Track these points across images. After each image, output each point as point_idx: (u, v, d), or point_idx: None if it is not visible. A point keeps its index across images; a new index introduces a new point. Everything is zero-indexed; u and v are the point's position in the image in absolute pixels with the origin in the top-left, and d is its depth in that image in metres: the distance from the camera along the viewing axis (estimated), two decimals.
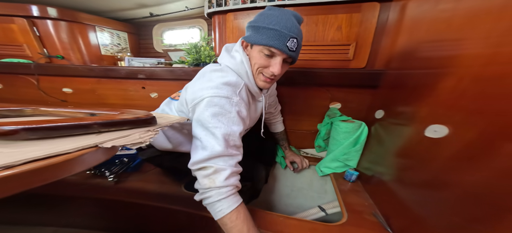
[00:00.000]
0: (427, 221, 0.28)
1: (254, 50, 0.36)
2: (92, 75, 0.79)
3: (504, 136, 0.21)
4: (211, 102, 0.32)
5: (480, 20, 0.26)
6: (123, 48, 1.14)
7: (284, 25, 0.33)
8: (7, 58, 0.79)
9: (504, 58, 0.22)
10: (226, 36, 0.73)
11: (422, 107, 0.34)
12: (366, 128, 0.54)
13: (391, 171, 0.39)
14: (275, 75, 0.36)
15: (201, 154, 0.31)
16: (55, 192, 0.47)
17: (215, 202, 0.31)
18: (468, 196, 0.24)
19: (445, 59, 0.32)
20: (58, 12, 0.78)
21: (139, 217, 0.48)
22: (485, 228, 0.21)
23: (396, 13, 0.49)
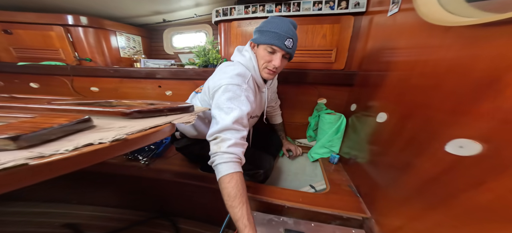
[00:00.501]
0: (382, 188, 0.39)
1: (260, 48, 0.47)
2: (117, 75, 0.93)
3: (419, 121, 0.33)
4: (226, 89, 0.42)
5: (405, 33, 0.39)
6: (137, 50, 1.27)
7: (283, 29, 0.43)
8: (46, 61, 0.94)
9: (421, 67, 0.34)
10: (230, 41, 0.86)
11: (376, 100, 0.47)
12: (344, 119, 0.67)
13: (361, 153, 0.51)
14: (276, 67, 0.46)
15: (214, 127, 0.40)
16: (103, 170, 0.61)
17: (217, 165, 0.38)
18: (403, 167, 0.34)
19: (388, 63, 0.44)
20: (88, 20, 0.91)
21: (164, 190, 0.61)
22: (416, 190, 0.30)
23: (365, 25, 0.62)
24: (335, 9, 0.66)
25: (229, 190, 0.35)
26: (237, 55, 0.51)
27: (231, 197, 0.35)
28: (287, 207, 0.45)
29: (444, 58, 0.28)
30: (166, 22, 1.13)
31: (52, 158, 0.15)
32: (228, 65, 0.49)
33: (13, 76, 0.95)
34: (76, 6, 0.89)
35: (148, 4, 0.93)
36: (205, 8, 0.97)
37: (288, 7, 0.71)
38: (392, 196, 0.35)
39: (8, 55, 0.96)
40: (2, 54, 0.96)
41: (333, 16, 0.67)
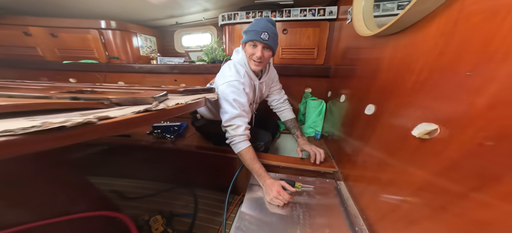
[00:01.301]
0: (343, 151, 0.56)
1: (246, 46, 0.59)
2: (141, 71, 1.13)
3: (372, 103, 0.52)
4: (229, 84, 0.56)
5: (353, 38, 0.58)
6: (153, 49, 1.47)
7: (259, 26, 0.55)
8: (83, 60, 1.14)
9: (362, 62, 0.53)
10: (234, 41, 1.04)
11: (342, 88, 0.66)
12: (324, 104, 0.86)
13: (335, 130, 0.69)
14: (259, 57, 0.56)
15: (226, 116, 0.55)
16: (141, 144, 0.81)
17: (237, 143, 0.55)
18: (350, 135, 0.54)
19: (348, 59, 0.63)
20: (116, 24, 1.11)
21: (184, 160, 0.81)
22: (354, 151, 0.48)
23: (337, 29, 0.81)
24: (316, 16, 0.84)
25: (250, 156, 0.54)
26: (234, 55, 0.65)
27: (251, 160, 0.54)
28: (281, 167, 0.62)
29: (370, 56, 0.47)
30: (178, 24, 1.32)
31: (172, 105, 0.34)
32: (228, 66, 0.62)
33: (56, 73, 1.16)
34: (108, 12, 1.09)
35: (165, 10, 1.11)
36: (212, 13, 1.15)
37: (281, 13, 0.89)
38: (347, 157, 0.53)
39: (52, 55, 1.17)
40: (48, 54, 1.17)
41: (314, 22, 0.86)
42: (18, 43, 1.12)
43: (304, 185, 0.54)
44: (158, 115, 0.30)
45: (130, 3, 0.98)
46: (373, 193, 0.37)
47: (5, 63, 1.16)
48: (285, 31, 0.92)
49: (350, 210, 0.43)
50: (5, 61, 1.16)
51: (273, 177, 0.54)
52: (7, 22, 1.07)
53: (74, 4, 0.99)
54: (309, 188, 0.54)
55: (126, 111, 0.25)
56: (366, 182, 0.41)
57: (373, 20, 0.46)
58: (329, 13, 0.82)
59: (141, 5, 1.00)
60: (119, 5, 0.99)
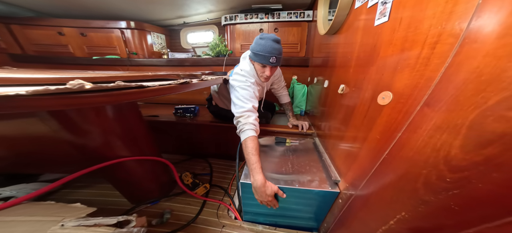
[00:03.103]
0: (318, 120, 0.79)
1: (256, 64, 0.68)
2: (159, 64, 1.35)
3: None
4: (242, 87, 0.65)
5: (320, 35, 0.86)
6: (163, 46, 1.68)
7: (267, 51, 0.62)
8: (109, 55, 1.35)
9: (332, 54, 0.81)
10: (235, 38, 1.29)
11: (316, 74, 0.93)
12: (306, 87, 1.14)
13: (313, 107, 0.95)
14: (268, 76, 0.68)
15: (239, 109, 0.61)
16: (166, 121, 1.05)
17: (245, 130, 0.58)
18: (323, 106, 0.82)
19: (321, 51, 0.92)
20: (135, 24, 1.32)
21: (200, 134, 1.05)
22: (323, 116, 0.78)
23: (312, 28, 1.07)
24: (298, 17, 1.12)
25: (253, 145, 0.55)
26: (244, 64, 0.71)
27: (252, 150, 0.55)
28: (276, 131, 0.89)
29: (327, 49, 0.73)
30: (185, 24, 1.54)
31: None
32: (241, 73, 0.69)
33: (86, 67, 1.35)
34: (127, 14, 1.29)
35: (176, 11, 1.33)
36: (215, 14, 1.39)
37: (273, 15, 1.16)
38: (319, 122, 0.79)
39: (81, 51, 1.35)
40: (78, 51, 1.35)
41: (297, 22, 1.13)
42: (53, 42, 1.29)
43: (292, 141, 0.81)
44: (189, 86, 0.53)
45: (145, 5, 1.17)
46: (333, 144, 0.60)
47: (42, 60, 1.33)
48: (276, 29, 1.19)
49: (320, 150, 0.71)
50: (42, 58, 1.33)
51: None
52: (44, 24, 1.24)
53: (100, 6, 1.18)
54: (296, 143, 0.81)
55: (155, 83, 0.36)
56: (329, 137, 0.66)
57: (327, 23, 0.74)
58: (307, 15, 1.10)
59: (155, 6, 1.20)
60: (138, 7, 1.19)
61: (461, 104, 0.19)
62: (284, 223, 0.64)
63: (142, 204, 0.72)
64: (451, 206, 0.22)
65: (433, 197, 0.23)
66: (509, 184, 0.18)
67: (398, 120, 0.29)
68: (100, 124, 0.50)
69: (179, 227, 0.63)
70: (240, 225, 0.65)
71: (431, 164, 0.23)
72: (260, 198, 0.53)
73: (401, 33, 0.30)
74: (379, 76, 0.36)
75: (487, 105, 0.17)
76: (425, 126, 0.24)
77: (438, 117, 0.22)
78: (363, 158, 0.39)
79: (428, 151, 0.23)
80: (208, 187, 0.83)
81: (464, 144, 0.19)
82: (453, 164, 0.20)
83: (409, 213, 0.27)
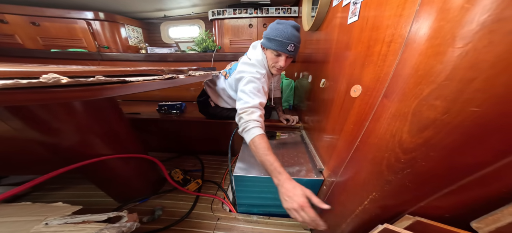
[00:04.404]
0: (304, 113, 0.88)
1: (268, 52, 0.59)
2: (136, 59, 1.26)
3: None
4: (251, 80, 0.56)
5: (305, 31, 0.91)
6: (140, 40, 1.56)
7: (285, 36, 0.53)
8: (72, 49, 1.20)
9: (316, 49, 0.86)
10: (224, 34, 1.28)
11: (306, 69, 0.99)
12: (293, 82, 1.19)
13: (301, 103, 1.00)
14: (282, 66, 0.60)
15: (244, 105, 0.53)
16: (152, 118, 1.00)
17: (251, 128, 0.49)
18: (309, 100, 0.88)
19: (306, 47, 0.97)
20: (105, 15, 1.20)
21: (188, 130, 1.03)
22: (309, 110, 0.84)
23: (299, 24, 1.13)
24: (285, 13, 1.15)
25: (263, 145, 0.47)
26: (254, 53, 0.64)
27: (265, 150, 0.46)
28: (266, 125, 0.89)
29: (314, 46, 0.79)
30: (166, 17, 1.46)
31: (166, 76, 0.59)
32: (250, 62, 0.62)
33: (42, 61, 1.18)
34: (94, 3, 1.16)
35: (154, 3, 1.25)
36: (200, 8, 1.35)
37: (261, 11, 1.17)
38: (306, 115, 0.85)
39: (34, 43, 1.18)
40: (28, 42, 1.17)
41: (285, 17, 1.16)
42: None
43: (282, 134, 0.86)
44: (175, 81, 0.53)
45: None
46: (317, 135, 0.66)
47: None
48: (264, 24, 1.21)
49: (306, 142, 0.76)
50: None
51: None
52: None
53: None
54: (285, 136, 0.85)
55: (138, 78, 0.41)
56: (314, 129, 0.72)
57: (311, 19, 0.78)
58: (293, 11, 1.14)
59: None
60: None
61: (407, 95, 0.23)
62: (277, 212, 0.68)
63: (130, 202, 0.71)
64: (406, 183, 0.27)
65: (394, 177, 0.28)
66: (441, 161, 0.23)
67: (365, 110, 0.33)
68: (74, 122, 0.47)
69: (172, 222, 0.63)
70: (235, 217, 0.68)
71: (390, 148, 0.27)
72: (290, 203, 0.38)
73: (367, 32, 0.34)
74: (351, 71, 0.40)
75: (423, 96, 0.21)
76: (385, 115, 0.28)
77: (393, 106, 0.26)
78: (341, 147, 0.44)
79: (387, 136, 0.27)
80: (200, 182, 0.84)
81: (410, 129, 0.24)
82: (404, 147, 0.25)
83: (378, 193, 0.32)
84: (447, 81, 0.19)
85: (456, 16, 0.17)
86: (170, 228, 0.61)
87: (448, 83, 0.19)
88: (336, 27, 0.50)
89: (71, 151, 0.50)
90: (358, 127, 0.35)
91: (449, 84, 0.19)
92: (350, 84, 0.40)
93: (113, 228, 0.35)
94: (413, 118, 0.23)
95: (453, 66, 0.18)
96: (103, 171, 0.59)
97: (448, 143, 0.21)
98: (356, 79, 0.37)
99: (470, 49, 0.17)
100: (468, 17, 0.16)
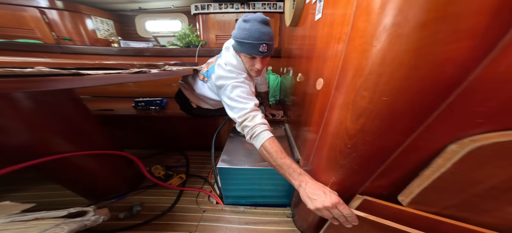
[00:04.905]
0: (290, 114, 0.91)
1: (242, 55, 0.56)
2: (109, 53, 1.15)
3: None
4: (235, 86, 0.52)
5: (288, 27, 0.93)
6: (111, 32, 1.42)
7: (254, 37, 0.49)
8: (21, 39, 1.03)
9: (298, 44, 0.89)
10: (208, 29, 1.23)
11: (289, 64, 1.02)
12: (279, 78, 1.22)
13: (285, 98, 1.03)
14: (259, 69, 0.56)
15: (240, 112, 0.49)
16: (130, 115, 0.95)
17: (259, 134, 0.46)
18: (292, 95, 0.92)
19: (290, 43, 0.99)
20: (63, 4, 1.06)
21: (169, 126, 1.01)
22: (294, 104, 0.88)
23: (283, 20, 1.14)
24: (272, 9, 1.16)
25: (276, 149, 0.44)
26: (228, 57, 0.59)
27: (278, 153, 0.44)
28: None
29: (294, 41, 0.81)
30: (142, 9, 1.34)
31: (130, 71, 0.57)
32: (227, 69, 0.57)
33: None
34: None
35: None
36: (181, 2, 1.27)
37: (248, 6, 1.16)
38: (288, 109, 0.89)
39: None
40: None
41: (271, 13, 1.17)
42: None
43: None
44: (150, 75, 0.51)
45: None
46: (295, 127, 0.71)
47: None
48: None
49: (288, 135, 0.80)
50: None
51: None
52: None
53: None
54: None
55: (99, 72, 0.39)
56: (293, 121, 0.76)
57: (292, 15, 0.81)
58: (279, 7, 1.15)
59: None
60: None
61: (348, 87, 0.27)
62: (263, 202, 0.73)
63: (104, 200, 0.70)
64: (354, 167, 0.32)
65: (345, 161, 0.32)
66: (373, 144, 0.27)
67: (325, 102, 0.37)
68: (22, 118, 0.44)
69: (153, 217, 0.64)
70: (221, 208, 0.71)
71: (340, 135, 0.31)
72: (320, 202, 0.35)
73: (327, 29, 0.38)
74: (317, 65, 0.43)
75: (357, 87, 0.25)
76: (336, 106, 0.32)
77: (341, 98, 0.30)
78: (311, 137, 0.48)
79: (338, 124, 0.31)
80: (184, 177, 0.85)
81: (351, 117, 0.28)
82: (349, 133, 0.29)
83: (335, 177, 0.36)
84: (370, 75, 0.22)
85: (373, 18, 0.21)
86: (151, 222, 0.62)
87: (370, 77, 0.22)
88: (308, 23, 0.53)
89: (20, 150, 0.46)
90: (321, 118, 0.39)
91: (371, 77, 0.22)
92: (316, 78, 0.43)
93: (73, 223, 0.34)
94: (353, 107, 0.27)
95: (372, 62, 0.22)
96: (68, 170, 0.57)
97: (375, 129, 0.25)
98: (320, 73, 0.41)
99: (380, 48, 0.20)
100: (380, 20, 0.20)
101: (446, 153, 0.23)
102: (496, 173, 0.22)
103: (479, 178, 0.23)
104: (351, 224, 0.34)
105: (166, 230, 0.60)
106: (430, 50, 0.18)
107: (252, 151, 0.67)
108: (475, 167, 0.22)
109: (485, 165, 0.22)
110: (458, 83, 0.19)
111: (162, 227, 0.61)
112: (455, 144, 0.22)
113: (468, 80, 0.18)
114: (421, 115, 0.22)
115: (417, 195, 0.28)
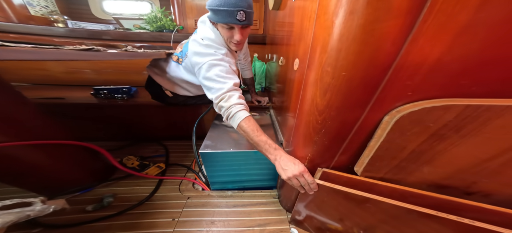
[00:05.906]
0: (275, 99, 0.92)
1: (219, 26, 0.52)
2: (52, 34, 0.95)
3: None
4: (213, 64, 0.49)
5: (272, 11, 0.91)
6: (53, 11, 1.14)
7: (230, 3, 0.45)
8: None
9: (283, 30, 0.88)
10: (186, 13, 1.11)
11: (273, 50, 1.02)
12: (264, 64, 1.22)
13: (271, 84, 1.05)
14: (239, 40, 0.51)
15: (218, 92, 0.48)
16: (94, 105, 0.85)
17: (235, 114, 0.46)
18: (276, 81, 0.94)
19: (274, 29, 0.98)
20: None
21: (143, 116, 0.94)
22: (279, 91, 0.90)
23: (267, 5, 1.11)
24: None
25: (252, 127, 0.46)
26: (204, 31, 0.55)
27: (255, 131, 0.46)
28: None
29: (277, 26, 0.80)
30: None
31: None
32: (203, 43, 0.53)
33: None
34: None
35: None
36: None
37: None
38: (273, 95, 0.92)
39: None
40: None
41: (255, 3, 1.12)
42: None
43: (253, 114, 0.89)
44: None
45: None
46: (279, 111, 0.73)
47: None
48: None
49: (273, 119, 0.84)
50: None
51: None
52: None
53: None
54: (256, 116, 0.91)
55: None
56: (277, 106, 0.79)
57: None
58: None
59: None
60: None
61: (316, 64, 0.30)
62: (250, 186, 0.76)
63: (66, 194, 0.66)
64: (325, 142, 0.36)
65: (318, 138, 0.36)
66: (338, 119, 0.31)
67: (300, 80, 0.40)
68: None
69: (128, 207, 0.63)
70: (208, 194, 0.72)
71: (312, 112, 0.34)
72: (290, 171, 0.40)
73: (301, 9, 0.39)
74: (294, 46, 0.45)
75: (323, 64, 0.28)
76: (308, 83, 0.35)
77: (312, 75, 0.33)
78: (290, 118, 0.51)
79: (310, 102, 0.35)
80: (163, 166, 0.83)
81: (320, 93, 0.31)
82: (319, 109, 0.32)
83: (310, 153, 0.41)
84: (332, 51, 0.25)
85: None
86: (126, 212, 0.61)
87: (332, 53, 0.25)
88: (288, 6, 0.53)
89: None
90: (297, 97, 0.42)
91: (332, 53, 0.25)
92: (294, 59, 0.45)
93: (8, 214, 0.30)
94: (320, 84, 0.30)
95: (333, 38, 0.24)
96: (3, 163, 0.50)
97: (338, 103, 0.29)
98: (296, 53, 0.43)
99: (338, 24, 0.22)
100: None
101: (382, 123, 0.28)
102: (413, 139, 0.27)
103: (403, 144, 0.28)
104: (313, 190, 0.41)
105: (145, 219, 0.59)
106: (374, 27, 0.21)
107: (238, 138, 0.69)
108: (399, 134, 0.27)
109: (405, 133, 0.27)
110: (393, 59, 0.22)
111: (139, 216, 0.60)
112: (387, 115, 0.27)
113: (400, 56, 0.22)
114: (372, 87, 0.26)
115: (367, 164, 0.33)
